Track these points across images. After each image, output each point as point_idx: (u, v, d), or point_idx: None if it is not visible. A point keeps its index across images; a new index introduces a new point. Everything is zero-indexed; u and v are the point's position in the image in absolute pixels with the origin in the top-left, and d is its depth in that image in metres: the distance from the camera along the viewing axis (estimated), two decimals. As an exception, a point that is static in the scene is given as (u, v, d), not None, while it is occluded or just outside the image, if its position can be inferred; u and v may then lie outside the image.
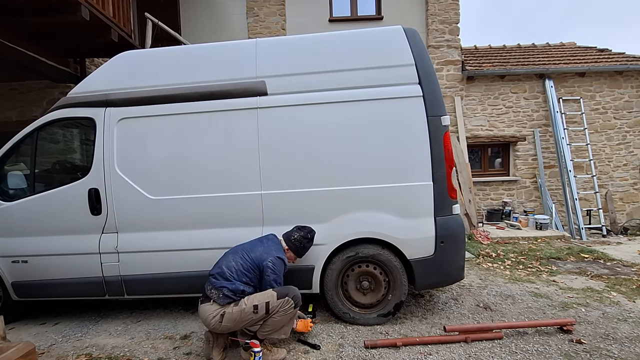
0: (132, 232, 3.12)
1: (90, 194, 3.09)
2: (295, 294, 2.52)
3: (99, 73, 3.26)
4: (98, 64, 6.44)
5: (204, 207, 3.06)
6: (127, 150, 3.12)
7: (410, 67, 2.98)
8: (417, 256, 2.98)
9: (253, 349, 2.36)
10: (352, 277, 3.06)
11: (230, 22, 7.99)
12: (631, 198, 7.94)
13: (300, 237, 2.76)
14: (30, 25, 4.62)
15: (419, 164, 2.96)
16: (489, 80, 7.88)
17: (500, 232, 6.62)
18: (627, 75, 7.77)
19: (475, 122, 7.95)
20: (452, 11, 7.81)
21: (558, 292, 3.78)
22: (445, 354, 2.59)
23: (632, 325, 2.97)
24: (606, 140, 7.88)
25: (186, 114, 3.08)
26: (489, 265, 4.81)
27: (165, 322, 3.30)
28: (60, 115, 3.22)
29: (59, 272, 3.18)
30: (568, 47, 9.16)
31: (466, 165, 7.15)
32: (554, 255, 5.23)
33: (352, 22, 7.98)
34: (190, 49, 3.47)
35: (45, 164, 3.51)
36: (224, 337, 2.59)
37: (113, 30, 5.15)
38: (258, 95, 3.04)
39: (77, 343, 2.98)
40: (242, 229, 3.02)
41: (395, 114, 2.97)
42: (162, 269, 3.11)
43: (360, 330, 2.95)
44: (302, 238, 2.76)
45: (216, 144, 3.07)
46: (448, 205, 3.00)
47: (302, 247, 2.78)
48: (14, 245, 3.23)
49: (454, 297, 3.64)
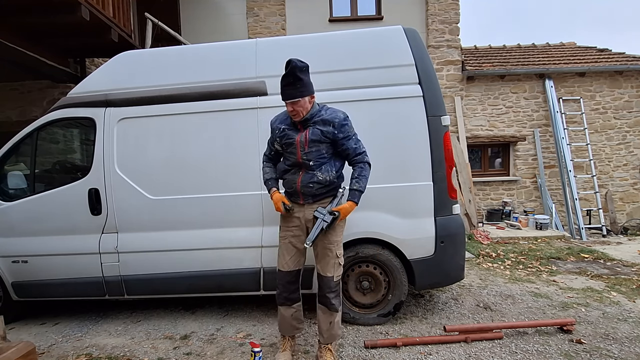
0: (132, 232, 3.12)
1: (90, 194, 3.09)
2: None
3: (99, 73, 3.26)
4: (98, 64, 6.44)
5: (204, 207, 3.06)
6: (127, 150, 3.12)
7: (410, 67, 2.98)
8: (417, 256, 2.98)
9: (253, 349, 2.36)
10: (352, 277, 3.06)
11: (230, 22, 7.99)
12: (631, 198, 7.94)
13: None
14: (30, 25, 4.63)
15: (419, 164, 2.96)
16: (489, 80, 7.88)
17: (500, 232, 6.62)
18: (627, 75, 7.77)
19: (475, 122, 7.95)
20: (452, 11, 7.81)
21: (558, 292, 3.78)
22: (445, 354, 2.59)
23: (632, 325, 2.97)
24: (606, 140, 7.88)
25: (186, 114, 3.07)
26: (489, 265, 4.80)
27: (165, 322, 3.30)
28: (60, 115, 3.22)
29: (59, 272, 3.18)
30: (568, 47, 9.17)
31: (466, 165, 7.15)
32: (554, 255, 5.23)
33: (352, 22, 7.98)
34: (190, 49, 3.47)
35: (45, 164, 3.51)
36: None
37: (113, 30, 5.15)
38: (258, 95, 3.04)
39: (77, 343, 2.98)
40: (242, 229, 3.03)
41: (395, 114, 2.97)
42: (162, 269, 3.11)
43: (360, 330, 2.95)
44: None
45: (216, 144, 3.07)
46: (448, 206, 3.00)
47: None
48: (14, 245, 3.23)
49: (454, 297, 3.64)
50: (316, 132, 2.30)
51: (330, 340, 2.45)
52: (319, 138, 2.30)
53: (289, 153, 2.40)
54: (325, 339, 2.44)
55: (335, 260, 2.38)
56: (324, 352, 2.43)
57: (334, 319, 2.43)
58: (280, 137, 2.39)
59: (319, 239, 2.34)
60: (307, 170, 2.36)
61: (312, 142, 2.30)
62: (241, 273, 3.06)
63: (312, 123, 2.31)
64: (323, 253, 2.39)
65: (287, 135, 2.37)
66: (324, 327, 2.43)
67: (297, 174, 2.38)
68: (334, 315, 2.42)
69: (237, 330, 3.05)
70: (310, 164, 2.33)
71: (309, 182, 2.35)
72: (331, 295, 2.39)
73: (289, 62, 2.19)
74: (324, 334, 2.44)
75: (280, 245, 2.48)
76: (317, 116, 2.32)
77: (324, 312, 2.43)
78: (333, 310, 2.41)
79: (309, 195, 2.38)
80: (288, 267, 2.43)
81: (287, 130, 2.38)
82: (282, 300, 2.47)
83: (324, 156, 2.34)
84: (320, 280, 2.41)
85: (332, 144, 2.35)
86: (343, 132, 2.33)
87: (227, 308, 3.52)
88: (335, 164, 2.41)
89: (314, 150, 2.32)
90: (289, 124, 2.38)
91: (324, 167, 2.35)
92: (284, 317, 2.50)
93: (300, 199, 2.42)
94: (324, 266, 2.39)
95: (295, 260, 2.44)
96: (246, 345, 2.76)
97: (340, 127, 2.32)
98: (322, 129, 2.30)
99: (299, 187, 2.37)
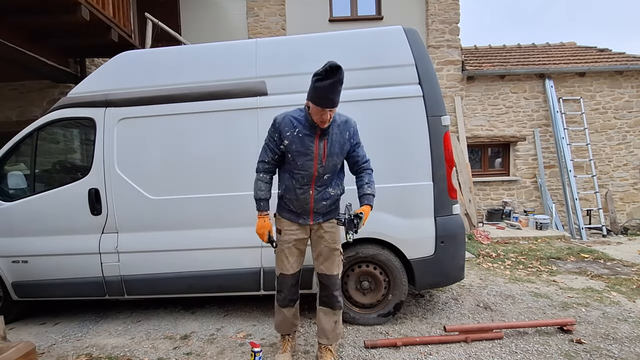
0: (132, 232, 3.12)
1: (90, 194, 3.09)
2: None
3: (99, 73, 3.26)
4: (98, 64, 6.43)
5: (204, 207, 3.06)
6: (127, 150, 3.12)
7: (410, 67, 2.98)
8: (417, 256, 2.98)
9: (253, 349, 2.36)
10: (352, 277, 3.06)
11: (230, 22, 7.99)
12: (631, 198, 7.94)
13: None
14: (30, 25, 4.63)
15: (419, 164, 2.96)
16: (489, 80, 7.88)
17: (500, 232, 6.62)
18: (627, 75, 7.77)
19: (475, 122, 7.94)
20: (452, 11, 7.81)
21: (558, 292, 3.78)
22: (445, 354, 2.59)
23: (632, 325, 2.97)
24: (606, 140, 7.87)
25: (186, 114, 3.07)
26: (489, 265, 4.80)
27: (165, 322, 3.30)
28: (60, 115, 3.22)
29: (59, 272, 3.18)
30: (568, 47, 9.16)
31: (466, 165, 7.15)
32: (554, 255, 5.23)
33: (352, 22, 7.98)
34: (190, 49, 3.47)
35: (45, 164, 3.51)
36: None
37: (113, 30, 5.15)
38: (258, 95, 3.04)
39: (77, 343, 2.98)
40: (242, 229, 3.02)
41: (395, 114, 2.97)
42: (162, 269, 3.11)
43: (360, 330, 2.95)
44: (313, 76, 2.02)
45: (216, 144, 3.07)
46: (448, 205, 3.00)
47: (312, 88, 2.03)
48: (14, 245, 3.23)
49: (454, 297, 3.64)
50: (335, 143, 2.18)
51: (334, 340, 2.45)
52: (339, 151, 2.20)
53: (301, 165, 2.18)
54: (329, 339, 2.43)
55: (339, 257, 2.38)
56: (324, 352, 2.43)
57: (338, 317, 2.42)
58: (294, 142, 2.15)
59: (323, 242, 2.34)
60: (318, 185, 2.23)
61: (330, 155, 2.18)
62: (241, 273, 3.07)
63: (330, 130, 2.18)
64: (329, 253, 2.36)
65: (304, 144, 2.14)
66: (328, 328, 2.41)
67: (308, 192, 2.23)
68: (337, 314, 2.42)
69: (237, 330, 3.05)
70: (324, 178, 2.22)
71: (323, 200, 2.25)
72: (337, 293, 2.38)
73: (336, 67, 1.91)
74: (329, 335, 2.42)
75: (282, 249, 2.36)
76: (333, 122, 2.19)
77: (327, 314, 2.41)
78: (338, 308, 2.40)
79: (321, 214, 2.30)
80: (293, 269, 2.38)
81: (305, 136, 2.14)
82: (287, 302, 2.44)
83: (337, 169, 2.28)
84: (327, 280, 2.38)
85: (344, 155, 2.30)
86: (356, 139, 2.29)
87: (227, 308, 3.52)
88: (341, 176, 2.37)
89: (331, 164, 2.21)
90: (307, 128, 2.14)
91: (334, 181, 2.29)
92: (285, 317, 2.49)
93: (310, 220, 2.29)
94: (330, 265, 2.36)
95: (298, 261, 2.42)
96: (246, 345, 2.76)
97: (355, 134, 2.28)
98: (339, 139, 2.20)
99: (312, 205, 2.24)
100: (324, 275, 2.38)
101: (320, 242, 2.35)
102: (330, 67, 1.91)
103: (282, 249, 2.38)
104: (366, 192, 2.28)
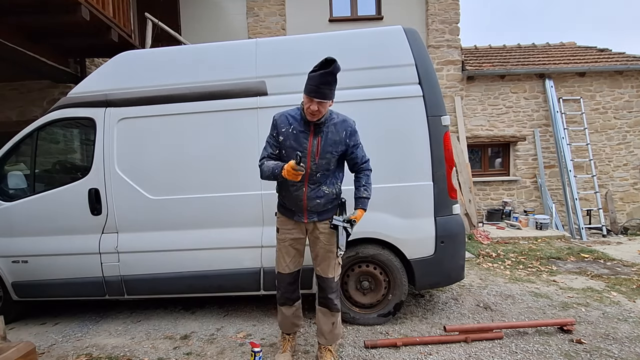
0: (132, 232, 3.12)
1: (90, 194, 3.09)
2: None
3: (99, 73, 3.26)
4: (98, 64, 6.44)
5: (204, 207, 3.06)
6: (127, 151, 3.12)
7: (410, 67, 2.98)
8: (417, 256, 2.98)
9: (253, 349, 2.36)
10: (352, 277, 3.06)
11: (230, 22, 7.98)
12: (631, 198, 7.94)
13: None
14: (30, 25, 4.63)
15: (419, 164, 2.96)
16: (489, 80, 7.88)
17: (500, 232, 6.62)
18: (627, 75, 7.77)
19: (475, 122, 7.95)
20: (452, 11, 7.81)
21: (558, 292, 3.78)
22: (445, 354, 2.59)
23: (632, 325, 2.97)
24: (606, 140, 7.88)
25: (186, 114, 3.07)
26: (489, 265, 4.80)
27: (165, 322, 3.30)
28: (60, 115, 3.22)
29: (59, 272, 3.18)
30: (568, 47, 9.16)
31: (466, 165, 7.15)
32: (554, 255, 5.23)
33: (352, 22, 7.98)
34: (190, 49, 3.47)
35: (45, 164, 3.51)
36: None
37: (113, 30, 5.15)
38: (258, 95, 3.04)
39: (77, 343, 2.98)
40: (242, 229, 3.03)
41: (395, 114, 2.97)
42: (162, 269, 3.11)
43: (360, 330, 2.95)
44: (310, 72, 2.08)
45: (216, 144, 3.07)
46: (448, 205, 3.00)
47: (306, 79, 2.09)
48: (14, 245, 3.23)
49: (454, 297, 3.64)
50: (329, 142, 2.19)
51: (333, 341, 2.45)
52: (332, 149, 2.21)
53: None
54: (328, 340, 2.43)
55: (335, 260, 2.38)
56: (324, 352, 2.43)
57: (336, 319, 2.43)
58: (288, 138, 2.20)
59: (319, 243, 2.34)
60: (311, 183, 2.24)
61: (324, 153, 2.19)
62: (241, 273, 3.07)
63: (325, 128, 2.20)
64: (325, 256, 2.37)
65: (298, 140, 2.18)
66: (326, 329, 2.42)
67: (301, 189, 2.24)
68: (335, 316, 2.42)
69: (237, 330, 3.05)
70: (317, 176, 2.23)
71: (316, 198, 2.25)
72: (333, 296, 2.38)
73: (330, 61, 1.99)
74: (327, 336, 2.43)
75: (279, 248, 2.41)
76: (329, 120, 2.21)
77: (325, 314, 2.42)
78: (335, 310, 2.41)
79: (315, 212, 2.30)
80: (289, 269, 2.40)
81: (299, 133, 2.19)
82: (284, 300, 2.47)
83: (331, 168, 2.27)
84: (322, 282, 2.40)
85: (341, 155, 2.29)
86: (354, 140, 2.29)
87: (227, 308, 3.52)
88: (339, 175, 2.37)
89: (324, 162, 2.22)
90: (302, 125, 2.19)
91: (329, 179, 2.29)
92: (285, 316, 2.50)
93: (304, 217, 2.31)
94: (325, 268, 2.38)
95: (295, 261, 2.43)
96: (246, 345, 2.76)
97: (352, 135, 2.27)
98: (334, 138, 2.20)
99: (306, 203, 2.26)
100: (319, 277, 2.41)
101: (317, 244, 2.36)
102: (325, 60, 2.01)
103: (279, 247, 2.42)
104: (362, 195, 2.31)
